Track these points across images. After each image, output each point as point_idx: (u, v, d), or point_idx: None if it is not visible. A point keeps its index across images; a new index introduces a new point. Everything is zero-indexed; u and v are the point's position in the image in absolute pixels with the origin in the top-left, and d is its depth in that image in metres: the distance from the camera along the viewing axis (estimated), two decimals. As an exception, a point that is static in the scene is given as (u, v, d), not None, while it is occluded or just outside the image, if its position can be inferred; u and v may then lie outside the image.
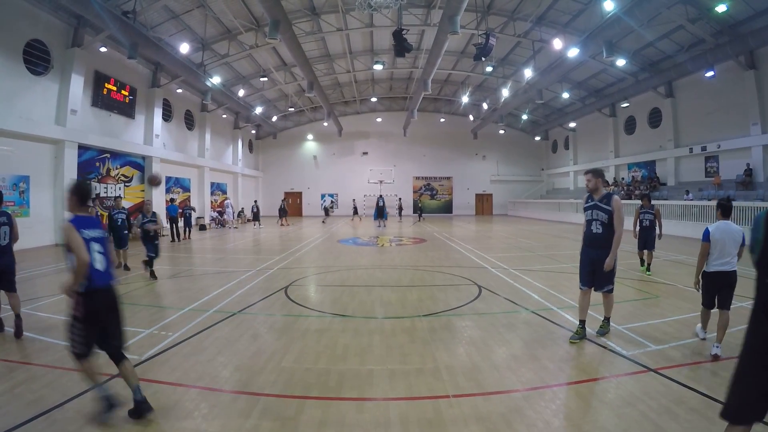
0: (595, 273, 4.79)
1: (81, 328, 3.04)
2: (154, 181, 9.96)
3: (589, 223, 4.91)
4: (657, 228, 8.98)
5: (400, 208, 30.57)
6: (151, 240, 8.70)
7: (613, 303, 4.95)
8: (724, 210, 4.61)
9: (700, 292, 4.60)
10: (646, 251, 9.07)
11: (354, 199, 31.88)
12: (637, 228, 9.06)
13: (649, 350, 4.44)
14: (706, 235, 4.45)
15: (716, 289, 4.41)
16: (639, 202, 9.59)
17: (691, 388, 3.55)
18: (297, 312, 6.22)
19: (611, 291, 4.84)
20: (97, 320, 3.09)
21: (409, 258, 11.76)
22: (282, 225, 25.49)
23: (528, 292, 7.32)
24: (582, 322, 4.89)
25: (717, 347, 4.17)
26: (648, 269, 9.00)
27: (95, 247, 3.15)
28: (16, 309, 5.22)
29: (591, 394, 3.55)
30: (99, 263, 3.15)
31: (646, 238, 8.98)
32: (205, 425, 3.07)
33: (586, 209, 4.96)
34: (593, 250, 4.81)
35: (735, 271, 4.40)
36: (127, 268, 9.59)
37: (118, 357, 3.21)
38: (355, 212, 30.21)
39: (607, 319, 5.05)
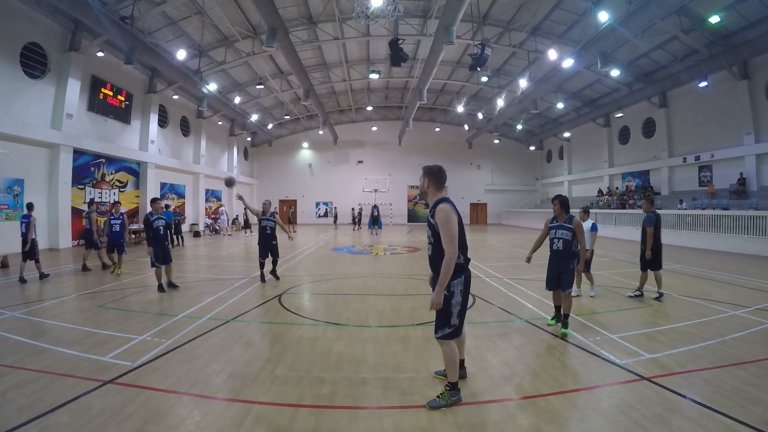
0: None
1: None
2: (230, 183, 9.28)
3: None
4: (578, 253, 5.42)
5: (360, 215, 29.45)
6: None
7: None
8: (585, 211, 7.67)
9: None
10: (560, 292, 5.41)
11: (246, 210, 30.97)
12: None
13: (642, 359, 4.45)
14: (595, 226, 7.50)
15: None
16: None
17: (685, 396, 3.57)
18: (291, 320, 6.18)
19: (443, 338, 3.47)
20: None
21: (403, 267, 11.75)
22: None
23: (522, 301, 7.33)
24: None
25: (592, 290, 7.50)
26: (565, 324, 5.26)
27: None
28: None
29: (584, 402, 3.55)
30: None
31: (561, 271, 5.31)
32: (197, 433, 3.04)
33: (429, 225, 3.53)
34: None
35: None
36: (172, 285, 8.27)
37: None
38: (243, 225, 26.29)
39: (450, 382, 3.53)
